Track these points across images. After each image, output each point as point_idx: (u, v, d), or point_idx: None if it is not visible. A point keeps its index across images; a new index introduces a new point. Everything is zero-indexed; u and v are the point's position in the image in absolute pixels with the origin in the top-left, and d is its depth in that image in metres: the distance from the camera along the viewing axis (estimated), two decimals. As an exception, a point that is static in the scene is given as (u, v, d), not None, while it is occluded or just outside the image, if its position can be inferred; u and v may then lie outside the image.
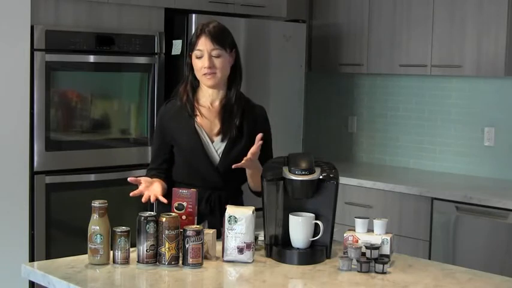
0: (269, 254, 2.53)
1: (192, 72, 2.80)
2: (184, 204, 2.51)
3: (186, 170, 2.80)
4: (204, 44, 2.72)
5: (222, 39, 2.75)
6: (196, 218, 2.53)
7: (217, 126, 2.77)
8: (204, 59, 2.72)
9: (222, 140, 2.77)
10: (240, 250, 2.44)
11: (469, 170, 4.62)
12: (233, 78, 2.80)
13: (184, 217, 2.50)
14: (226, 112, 2.77)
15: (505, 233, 3.78)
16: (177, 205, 2.51)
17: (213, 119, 2.78)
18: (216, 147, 2.77)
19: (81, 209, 2.75)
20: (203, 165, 2.76)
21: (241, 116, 2.78)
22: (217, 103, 2.80)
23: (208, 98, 2.80)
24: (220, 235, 2.58)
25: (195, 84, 2.81)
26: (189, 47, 2.78)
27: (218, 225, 2.60)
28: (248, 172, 2.74)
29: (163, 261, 2.38)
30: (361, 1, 4.87)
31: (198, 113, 2.78)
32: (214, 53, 2.72)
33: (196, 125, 2.78)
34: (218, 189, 2.77)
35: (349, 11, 4.96)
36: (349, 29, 4.95)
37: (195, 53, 2.74)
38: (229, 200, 2.74)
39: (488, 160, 4.53)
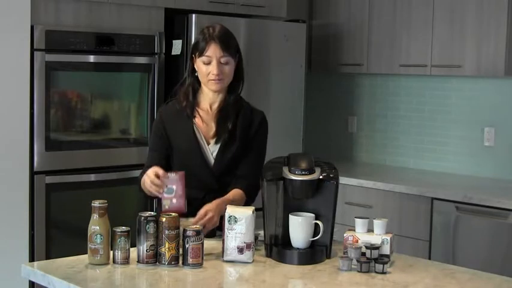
0: (269, 254, 2.53)
1: (194, 75, 2.80)
2: (174, 187, 2.55)
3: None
4: (213, 51, 2.70)
5: (230, 45, 2.75)
6: (186, 200, 2.56)
7: (213, 129, 2.79)
8: (213, 66, 2.71)
9: (216, 143, 2.78)
10: (240, 250, 2.44)
11: (469, 170, 4.62)
12: (235, 83, 2.81)
13: (174, 200, 2.54)
14: (221, 115, 2.79)
15: (505, 233, 3.78)
16: (166, 189, 2.55)
17: (210, 122, 2.80)
18: (211, 150, 2.79)
19: (81, 209, 2.75)
20: (199, 167, 2.77)
21: (236, 120, 2.79)
22: (215, 106, 2.81)
23: (208, 100, 2.81)
24: (214, 235, 2.64)
25: (196, 87, 2.81)
26: (194, 50, 2.76)
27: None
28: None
29: (163, 261, 2.39)
30: (361, 1, 4.87)
31: (197, 115, 2.79)
32: (223, 60, 2.72)
33: (194, 126, 2.79)
34: (213, 191, 2.76)
35: (349, 11, 4.96)
36: (349, 29, 4.95)
37: (203, 58, 2.72)
38: None
39: (488, 160, 4.53)
